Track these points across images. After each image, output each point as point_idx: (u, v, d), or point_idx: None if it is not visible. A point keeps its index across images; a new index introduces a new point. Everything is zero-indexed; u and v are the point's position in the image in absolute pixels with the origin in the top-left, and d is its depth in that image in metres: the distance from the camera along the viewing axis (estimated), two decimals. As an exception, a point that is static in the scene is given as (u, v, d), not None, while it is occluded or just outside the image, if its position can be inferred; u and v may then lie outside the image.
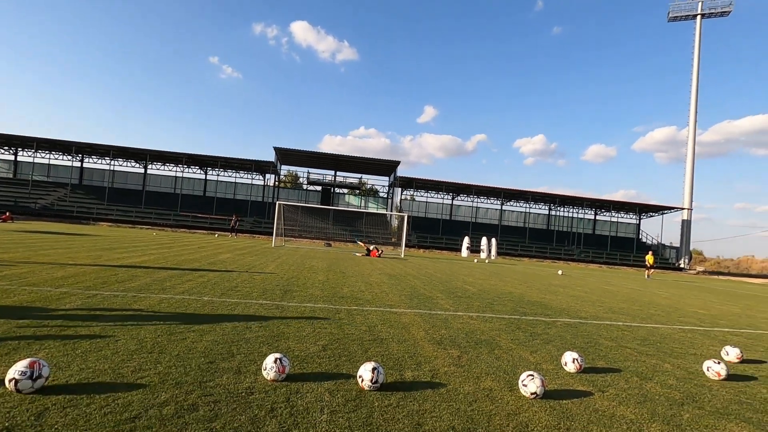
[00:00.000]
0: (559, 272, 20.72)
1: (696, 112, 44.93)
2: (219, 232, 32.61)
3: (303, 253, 18.41)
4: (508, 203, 47.50)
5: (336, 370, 3.44)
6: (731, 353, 5.01)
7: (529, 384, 3.19)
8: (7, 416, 2.26)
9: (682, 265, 42.61)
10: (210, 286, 7.13)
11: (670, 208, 43.09)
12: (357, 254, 20.46)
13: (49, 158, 40.25)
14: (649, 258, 24.96)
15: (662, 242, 45.79)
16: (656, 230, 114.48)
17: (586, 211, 48.26)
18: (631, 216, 48.41)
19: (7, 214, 23.44)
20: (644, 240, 47.73)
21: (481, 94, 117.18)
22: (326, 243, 30.57)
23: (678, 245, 45.09)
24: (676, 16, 47.46)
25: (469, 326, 5.69)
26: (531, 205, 47.75)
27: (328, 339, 4.40)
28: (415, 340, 4.68)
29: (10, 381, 2.49)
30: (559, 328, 6.18)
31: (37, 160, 39.46)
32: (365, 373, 3.07)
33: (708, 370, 4.23)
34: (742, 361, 4.99)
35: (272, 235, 23.49)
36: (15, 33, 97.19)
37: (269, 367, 3.08)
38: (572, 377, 3.84)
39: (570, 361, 4.00)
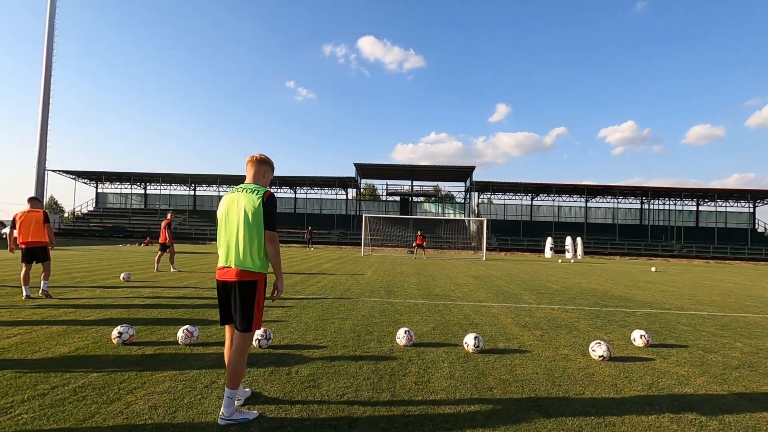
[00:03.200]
0: (653, 269, 19.85)
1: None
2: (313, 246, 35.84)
3: (391, 260, 20.06)
4: (593, 200, 45.20)
5: (446, 342, 4.73)
6: (811, 334, 5.35)
7: (597, 349, 4.19)
8: (262, 357, 3.89)
9: (814, 257, 36.99)
10: (329, 288, 8.86)
11: (792, 193, 37.81)
12: (414, 257, 22.34)
13: (170, 189, 47.44)
14: None
15: (786, 232, 40.19)
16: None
17: (687, 202, 44.11)
18: (743, 204, 43.19)
19: (147, 239, 28.62)
20: (761, 230, 42.25)
21: (556, 84, 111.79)
22: (409, 250, 32.06)
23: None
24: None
25: (551, 315, 6.63)
26: (620, 200, 44.92)
27: (434, 323, 5.72)
28: (504, 325, 5.79)
29: (256, 340, 4.16)
30: (638, 317, 6.82)
31: (161, 192, 46.83)
32: (470, 339, 4.31)
33: (775, 345, 4.77)
34: (823, 342, 5.31)
35: (359, 245, 25.59)
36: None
37: (401, 336, 4.47)
38: (639, 349, 4.69)
39: (638, 337, 4.84)
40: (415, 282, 10.69)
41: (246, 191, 2.75)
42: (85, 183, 46.46)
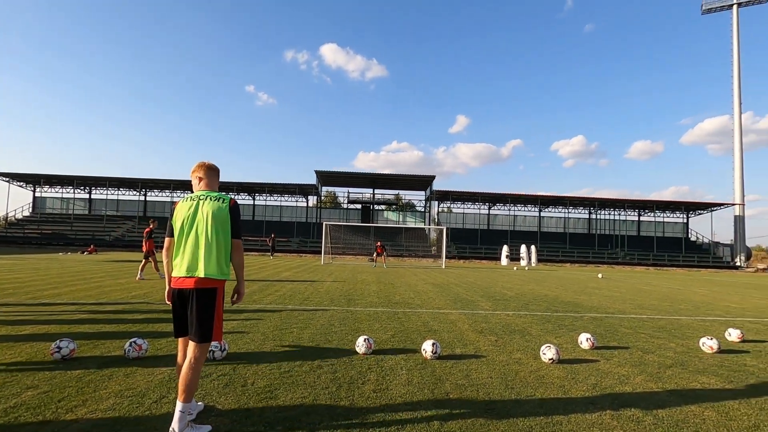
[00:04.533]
0: (599, 276, 21.05)
1: (740, 104, 43.35)
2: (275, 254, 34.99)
3: (351, 268, 19.99)
4: (546, 209, 47.38)
5: (405, 349, 4.79)
6: (733, 334, 5.89)
7: (547, 352, 4.39)
8: (216, 369, 3.77)
9: (738, 264, 40.70)
10: (288, 297, 8.71)
11: (719, 205, 41.52)
12: (374, 265, 22.58)
13: (118, 194, 44.81)
14: None
15: (715, 240, 43.97)
16: (710, 227, 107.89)
17: (629, 212, 47.24)
18: (678, 215, 46.87)
19: (92, 247, 26.83)
20: (693, 239, 45.97)
21: (514, 98, 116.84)
22: (369, 258, 32.07)
23: (733, 243, 43.11)
24: (711, 8, 46.37)
25: (506, 321, 6.87)
26: (570, 210, 47.38)
27: (393, 330, 5.76)
28: (461, 331, 5.94)
29: (210, 351, 4.02)
30: (585, 321, 7.21)
31: (108, 197, 44.11)
32: (427, 346, 4.39)
33: (703, 345, 5.21)
34: (743, 341, 5.86)
35: (320, 253, 25.32)
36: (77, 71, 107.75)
37: (361, 344, 4.48)
38: (585, 351, 4.97)
39: (584, 340, 5.13)
40: (375, 290, 10.72)
41: (209, 198, 2.71)
42: (20, 186, 42.96)
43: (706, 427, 2.90)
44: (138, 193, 44.41)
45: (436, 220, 47.55)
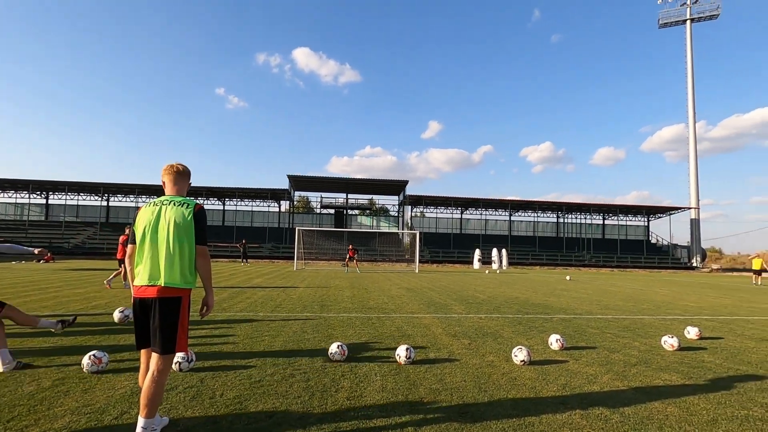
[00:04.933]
0: (567, 278, 21.70)
1: (694, 114, 45.95)
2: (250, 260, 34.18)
3: (324, 273, 19.78)
4: (516, 214, 48.55)
5: (379, 355, 4.75)
6: (692, 332, 6.18)
7: (519, 354, 4.46)
8: (183, 381, 3.62)
9: (694, 264, 42.93)
10: (259, 305, 8.50)
11: (677, 209, 43.72)
12: (347, 270, 22.58)
13: (78, 199, 42.73)
14: (756, 261, 21.66)
15: (673, 242, 46.23)
16: (669, 230, 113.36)
17: (595, 216, 49.05)
18: (640, 218, 49.03)
19: (49, 255, 25.38)
20: (654, 241, 48.18)
21: (485, 105, 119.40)
22: (343, 264, 31.86)
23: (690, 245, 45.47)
24: (666, 23, 49.03)
25: (478, 324, 6.95)
26: (539, 214, 48.73)
27: (368, 336, 5.72)
28: (435, 335, 5.95)
29: (176, 363, 3.85)
30: (555, 322, 7.39)
31: (66, 202, 41.94)
32: (401, 351, 4.37)
33: (664, 343, 5.43)
34: (701, 338, 6.15)
35: (292, 259, 24.94)
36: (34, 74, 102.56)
37: (334, 351, 4.41)
38: (555, 352, 5.08)
39: (554, 341, 5.25)
40: (349, 295, 10.63)
41: (174, 204, 2.59)
42: (-31, 191, 40.31)
43: (669, 422, 3.00)
44: (100, 198, 42.47)
45: (410, 224, 47.84)
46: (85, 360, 3.79)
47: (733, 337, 6.45)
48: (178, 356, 3.85)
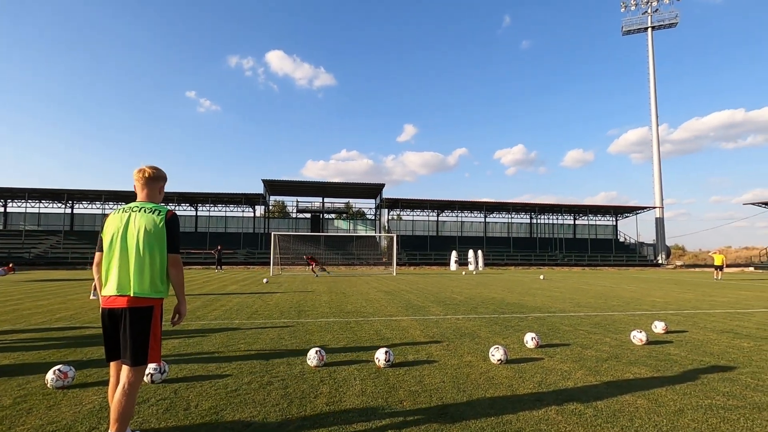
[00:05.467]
0: (541, 277, 22.23)
1: (657, 117, 48.05)
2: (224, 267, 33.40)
3: (301, 278, 19.56)
4: (491, 215, 49.41)
5: (358, 359, 4.73)
6: (659, 326, 6.44)
7: (495, 353, 4.54)
8: (155, 393, 3.50)
9: (660, 261, 44.76)
10: (235, 312, 8.33)
11: (642, 208, 45.51)
12: (317, 275, 22.59)
13: (39, 207, 40.75)
14: (717, 257, 22.17)
15: (640, 241, 48.07)
16: (635, 229, 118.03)
17: (566, 216, 50.47)
18: (609, 218, 50.77)
19: (10, 265, 24.06)
20: (622, 240, 49.97)
21: (459, 109, 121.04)
22: (321, 268, 31.59)
23: (655, 243, 47.40)
24: (630, 30, 51.14)
25: (456, 325, 7.02)
26: (513, 216, 49.75)
27: (346, 341, 5.69)
28: (413, 337, 5.98)
29: (148, 375, 3.72)
30: (530, 321, 7.55)
31: (27, 210, 39.93)
32: (380, 354, 4.37)
33: (633, 338, 5.64)
34: (667, 332, 6.42)
35: (268, 264, 24.53)
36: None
37: (312, 356, 4.36)
38: (531, 350, 5.19)
39: (530, 339, 5.36)
40: (326, 300, 10.55)
41: (144, 210, 2.51)
42: None
43: (639, 414, 3.12)
44: (64, 206, 40.60)
45: (387, 227, 47.94)
46: (50, 375, 3.62)
47: (697, 330, 6.76)
48: (150, 368, 3.73)
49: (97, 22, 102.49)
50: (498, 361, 4.50)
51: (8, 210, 40.71)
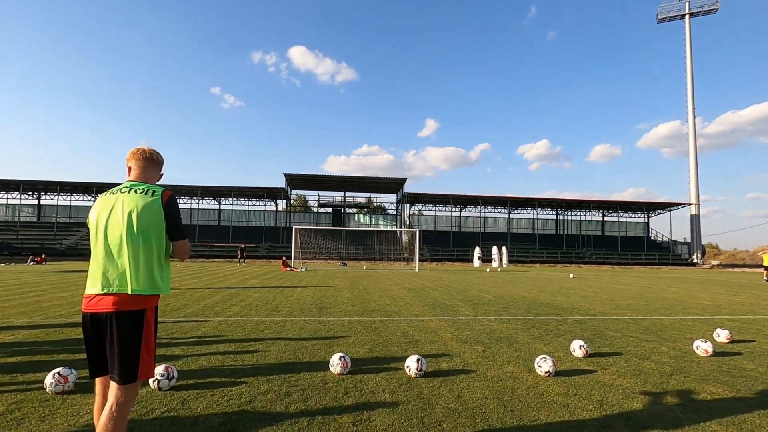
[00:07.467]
0: (571, 275, 21.27)
1: (694, 109, 45.66)
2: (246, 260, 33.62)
3: (323, 273, 19.27)
4: (515, 211, 48.13)
5: (386, 365, 4.26)
6: (722, 335, 5.71)
7: (543, 365, 3.98)
8: (161, 403, 3.12)
9: (695, 261, 42.65)
10: (254, 308, 7.99)
11: (677, 205, 43.41)
12: (296, 270, 21.85)
13: (70, 200, 41.99)
14: (767, 257, 20.38)
15: (673, 239, 45.94)
16: (669, 226, 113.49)
17: (594, 213, 48.70)
18: (640, 215, 48.72)
19: (42, 256, 24.79)
20: (654, 238, 47.89)
21: (481, 103, 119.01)
22: (342, 263, 31.36)
23: (690, 241, 45.20)
24: (665, 17, 48.65)
25: (489, 327, 6.46)
26: (538, 212, 48.33)
27: (371, 343, 5.22)
28: (444, 341, 5.46)
29: (155, 381, 3.35)
30: (570, 324, 6.92)
31: (59, 203, 41.21)
32: (412, 363, 3.88)
33: (697, 348, 4.96)
34: (732, 341, 5.69)
35: (290, 258, 24.39)
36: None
37: (336, 363, 3.91)
38: (580, 360, 4.60)
39: (577, 347, 4.77)
40: (349, 297, 10.13)
41: (135, 191, 2.09)
42: (-41, 192, 39.51)
43: (737, 451, 2.52)
44: (93, 199, 41.72)
45: (408, 222, 47.34)
46: (49, 379, 3.28)
47: (765, 339, 6.00)
48: (158, 373, 3.35)
49: (128, 17, 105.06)
50: (546, 373, 3.94)
51: (42, 202, 42.08)
